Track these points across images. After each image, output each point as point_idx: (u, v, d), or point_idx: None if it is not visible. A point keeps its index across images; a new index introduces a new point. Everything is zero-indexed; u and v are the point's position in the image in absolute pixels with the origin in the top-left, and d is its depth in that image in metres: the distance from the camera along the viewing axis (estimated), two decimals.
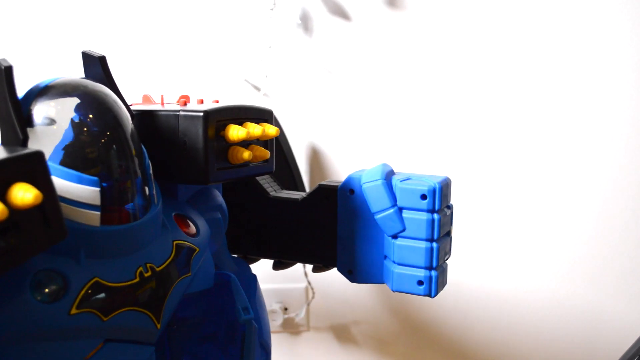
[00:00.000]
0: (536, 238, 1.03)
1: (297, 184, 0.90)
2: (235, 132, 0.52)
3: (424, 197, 0.56)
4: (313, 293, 1.04)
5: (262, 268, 0.94)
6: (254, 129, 0.53)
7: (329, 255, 0.63)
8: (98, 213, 0.43)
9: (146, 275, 0.46)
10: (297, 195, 0.64)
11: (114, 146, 0.45)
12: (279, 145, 0.89)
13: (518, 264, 1.05)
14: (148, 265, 0.46)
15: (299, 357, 1.12)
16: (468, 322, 1.08)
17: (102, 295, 0.43)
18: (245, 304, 0.53)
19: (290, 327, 1.11)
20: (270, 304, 1.09)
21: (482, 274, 1.06)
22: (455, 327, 1.09)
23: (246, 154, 0.53)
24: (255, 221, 0.65)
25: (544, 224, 1.02)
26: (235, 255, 0.67)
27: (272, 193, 0.65)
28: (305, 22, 0.97)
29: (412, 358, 1.10)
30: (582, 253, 1.03)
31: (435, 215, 0.56)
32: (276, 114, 0.95)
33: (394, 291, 0.60)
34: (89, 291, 0.42)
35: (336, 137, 1.00)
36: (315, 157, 1.02)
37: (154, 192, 0.48)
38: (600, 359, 1.07)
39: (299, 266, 1.07)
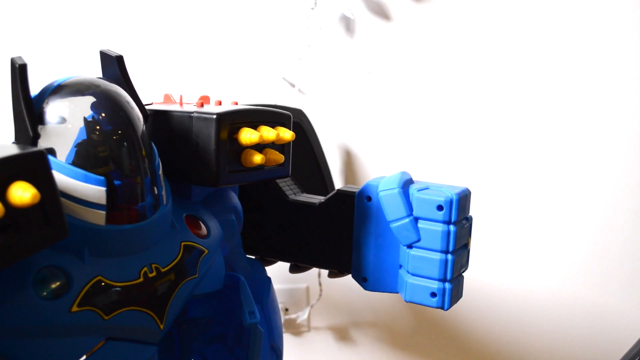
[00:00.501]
0: (542, 239, 1.03)
1: (327, 186, 0.90)
2: (248, 135, 0.51)
3: (440, 208, 0.55)
4: (321, 293, 1.04)
5: (268, 268, 0.94)
6: (268, 133, 0.53)
7: (344, 262, 0.63)
8: (103, 212, 0.43)
9: (151, 275, 0.46)
10: (315, 199, 0.64)
11: (125, 145, 0.45)
12: (310, 147, 0.89)
13: (524, 265, 1.04)
14: (153, 265, 0.47)
15: (300, 358, 1.12)
16: (470, 322, 1.08)
17: (105, 294, 0.43)
18: (252, 307, 0.53)
19: (291, 328, 1.11)
20: None
21: (488, 275, 1.05)
22: (457, 326, 1.08)
23: (258, 158, 0.52)
24: (272, 224, 0.65)
25: (550, 225, 1.02)
26: (252, 257, 0.67)
27: (291, 196, 0.64)
28: (347, 22, 0.96)
29: (414, 358, 1.10)
30: (586, 254, 1.03)
31: (452, 227, 0.55)
32: (311, 113, 0.96)
33: (407, 301, 0.59)
34: (91, 289, 0.43)
35: (371, 140, 1.00)
36: (349, 159, 1.01)
37: (163, 193, 0.48)
38: (602, 358, 1.06)
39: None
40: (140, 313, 0.45)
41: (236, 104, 0.57)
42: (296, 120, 0.81)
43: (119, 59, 0.49)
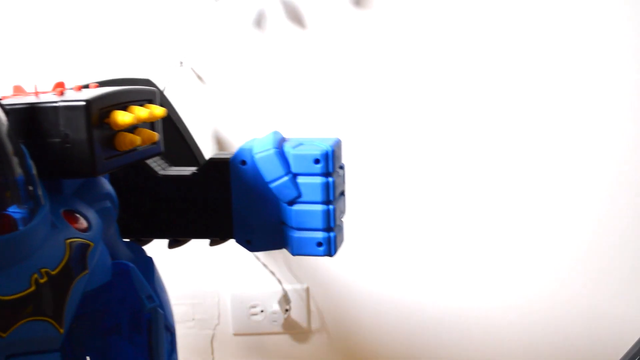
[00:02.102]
0: (537, 240, 1.05)
1: (199, 160, 0.88)
2: (122, 117, 0.49)
3: (317, 161, 0.57)
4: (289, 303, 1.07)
5: (263, 270, 1.01)
6: (141, 112, 0.51)
7: (225, 228, 0.62)
8: None
9: (42, 281, 0.43)
10: (187, 171, 0.62)
11: None
12: (174, 124, 0.86)
13: (522, 265, 1.06)
14: (43, 270, 0.43)
15: (300, 358, 1.12)
16: (469, 322, 1.09)
17: None
18: (148, 291, 0.52)
19: (291, 328, 1.11)
20: (271, 305, 1.08)
21: (485, 275, 1.07)
22: (456, 327, 1.10)
23: (136, 139, 0.50)
24: (145, 202, 0.63)
25: (545, 227, 1.04)
26: (127, 240, 0.64)
27: (161, 172, 0.62)
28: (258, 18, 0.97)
29: (413, 358, 1.12)
30: (583, 255, 1.05)
31: (330, 179, 0.57)
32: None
33: (294, 255, 0.60)
34: None
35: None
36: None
37: (40, 192, 0.45)
38: (601, 358, 1.09)
39: (300, 267, 1.08)
40: (38, 322, 0.43)
41: (97, 86, 0.53)
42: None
43: None
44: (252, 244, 0.62)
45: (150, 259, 0.62)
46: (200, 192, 0.62)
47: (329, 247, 0.59)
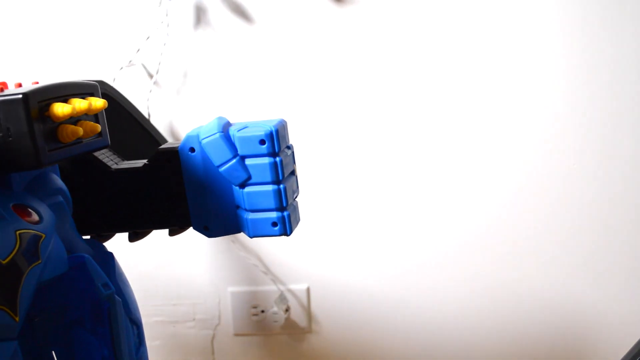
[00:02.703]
0: (538, 240, 1.05)
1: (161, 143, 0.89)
2: (60, 109, 0.50)
3: (262, 142, 0.58)
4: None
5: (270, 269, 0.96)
6: (79, 104, 0.52)
7: (182, 217, 0.64)
8: None
9: None
10: (138, 163, 0.64)
11: None
12: (128, 114, 0.87)
13: (524, 264, 1.07)
14: None
15: (300, 359, 1.13)
16: (471, 321, 1.10)
17: None
18: (104, 280, 0.53)
19: (292, 329, 1.11)
20: (272, 305, 1.09)
21: (488, 275, 1.07)
22: (458, 325, 1.10)
23: (77, 130, 0.51)
24: (101, 198, 0.64)
25: (547, 227, 1.04)
26: (88, 237, 0.65)
27: (113, 166, 0.64)
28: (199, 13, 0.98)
29: (414, 358, 1.12)
30: (584, 255, 1.05)
31: (277, 158, 0.59)
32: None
33: (251, 237, 0.62)
34: None
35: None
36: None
37: None
38: (603, 358, 1.09)
39: (300, 267, 1.08)
40: None
41: (37, 83, 0.54)
42: (103, 91, 0.79)
43: None
44: (209, 230, 0.64)
45: (110, 254, 0.63)
46: (154, 183, 0.63)
47: (284, 226, 0.60)
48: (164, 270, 1.09)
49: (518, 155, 1.02)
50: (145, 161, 0.63)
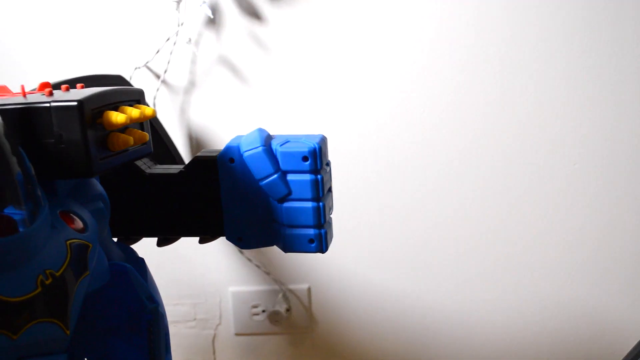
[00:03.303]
0: (540, 239, 1.05)
1: (176, 159, 0.88)
2: (116, 117, 0.49)
3: (305, 158, 0.58)
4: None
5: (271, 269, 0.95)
6: (133, 113, 0.51)
7: (215, 226, 0.63)
8: None
9: (47, 282, 0.43)
10: (174, 169, 0.63)
11: None
12: (152, 125, 0.87)
13: (525, 264, 1.07)
14: (47, 271, 0.44)
15: (301, 359, 1.12)
16: (473, 321, 1.10)
17: (9, 312, 0.40)
18: (148, 292, 0.52)
19: (293, 329, 1.11)
20: (273, 304, 1.08)
21: (484, 277, 1.08)
22: (457, 327, 1.11)
23: (129, 139, 0.51)
24: (133, 201, 0.63)
25: (548, 226, 1.05)
26: (115, 239, 0.64)
27: (148, 170, 0.63)
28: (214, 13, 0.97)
29: (414, 358, 1.12)
30: (585, 254, 1.06)
31: (319, 176, 0.59)
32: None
33: (285, 252, 0.62)
34: None
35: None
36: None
37: (39, 193, 0.45)
38: (603, 358, 1.10)
39: (301, 267, 1.07)
40: (46, 324, 0.43)
41: (82, 86, 0.54)
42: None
43: None
44: (243, 241, 0.63)
45: (142, 260, 0.62)
46: (188, 190, 0.62)
47: (321, 243, 0.60)
48: (164, 270, 1.08)
49: (523, 156, 1.03)
50: (181, 167, 0.62)
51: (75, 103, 0.47)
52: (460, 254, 1.08)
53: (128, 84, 0.77)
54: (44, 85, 0.53)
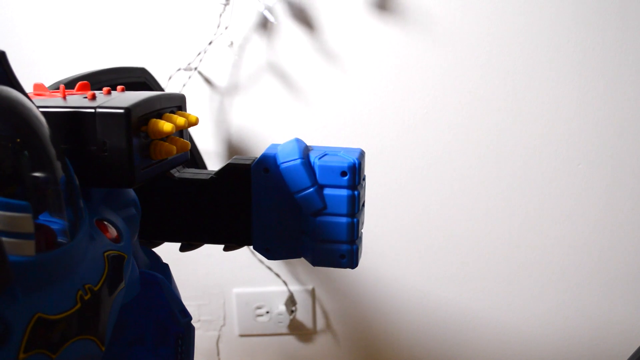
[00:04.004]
0: (543, 242, 1.05)
1: (197, 160, 0.86)
2: (162, 126, 0.47)
3: (344, 173, 0.57)
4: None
5: (269, 272, 0.99)
6: (179, 121, 0.49)
7: (244, 235, 0.62)
8: (32, 241, 0.38)
9: (86, 298, 0.42)
10: (204, 174, 0.61)
11: (36, 156, 0.39)
12: None
13: (528, 272, 1.07)
14: (86, 286, 0.42)
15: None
16: (475, 323, 1.10)
17: (49, 331, 0.39)
18: (181, 306, 0.51)
19: (297, 330, 1.10)
20: (277, 306, 1.08)
21: (489, 279, 1.08)
22: (461, 328, 1.11)
23: (172, 149, 0.49)
24: (159, 205, 0.61)
25: (551, 230, 1.05)
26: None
27: (176, 174, 0.61)
28: (264, 21, 0.96)
29: (421, 358, 1.12)
30: (589, 260, 1.06)
31: (356, 192, 0.57)
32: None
33: (314, 265, 0.60)
34: (34, 331, 0.38)
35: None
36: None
37: (82, 204, 0.43)
38: None
39: (305, 268, 1.07)
40: (84, 341, 0.41)
41: (123, 89, 0.52)
42: (142, 80, 0.76)
43: (1, 56, 0.41)
44: (270, 252, 0.62)
45: (167, 266, 0.61)
46: (218, 196, 0.61)
47: (352, 260, 0.59)
48: None
49: (535, 163, 1.03)
50: (212, 173, 0.61)
51: (122, 110, 0.45)
52: (463, 258, 1.07)
53: (151, 76, 0.75)
54: (82, 86, 0.51)
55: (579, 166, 1.02)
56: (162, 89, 0.82)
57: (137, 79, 0.68)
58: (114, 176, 0.46)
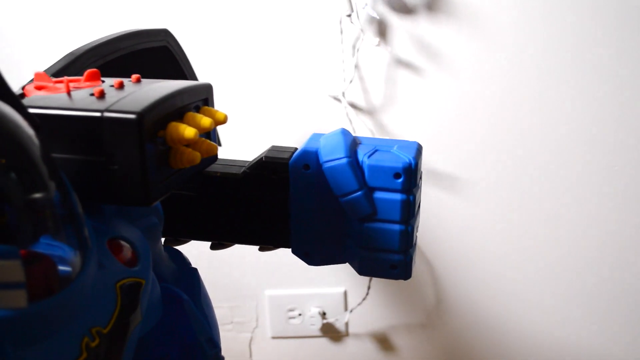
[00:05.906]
0: (551, 249, 1.01)
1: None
2: (182, 132, 0.40)
3: (397, 175, 0.48)
4: (365, 297, 1.03)
5: (301, 274, 0.96)
6: (204, 122, 0.41)
7: (281, 236, 0.55)
8: (23, 290, 0.31)
9: (93, 345, 0.35)
10: (234, 168, 0.54)
11: (25, 176, 0.32)
12: (181, 71, 0.76)
13: (531, 272, 1.03)
14: (94, 330, 0.36)
15: None
16: (488, 332, 1.07)
17: None
18: (208, 334, 0.44)
19: (329, 333, 1.07)
20: (309, 308, 1.04)
21: (496, 282, 1.04)
22: (468, 330, 1.07)
23: (196, 157, 0.41)
24: (187, 202, 0.54)
25: (554, 247, 1.01)
26: (162, 240, 0.56)
27: (206, 169, 0.54)
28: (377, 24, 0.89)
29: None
30: (590, 282, 1.02)
31: (411, 195, 0.49)
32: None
33: (360, 275, 0.53)
34: None
35: None
36: None
37: (87, 233, 0.36)
38: None
39: (337, 270, 1.03)
40: None
41: (139, 79, 0.44)
42: (163, 43, 0.68)
43: None
44: (310, 257, 0.55)
45: (195, 271, 0.54)
46: (253, 195, 0.53)
47: (405, 271, 0.51)
48: (201, 273, 1.03)
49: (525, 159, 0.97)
50: (245, 167, 0.53)
51: (133, 116, 0.37)
52: (470, 279, 1.04)
53: (174, 39, 0.66)
54: (90, 76, 0.43)
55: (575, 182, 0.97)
56: (184, 55, 0.73)
57: (159, 43, 0.60)
58: (125, 193, 0.39)
